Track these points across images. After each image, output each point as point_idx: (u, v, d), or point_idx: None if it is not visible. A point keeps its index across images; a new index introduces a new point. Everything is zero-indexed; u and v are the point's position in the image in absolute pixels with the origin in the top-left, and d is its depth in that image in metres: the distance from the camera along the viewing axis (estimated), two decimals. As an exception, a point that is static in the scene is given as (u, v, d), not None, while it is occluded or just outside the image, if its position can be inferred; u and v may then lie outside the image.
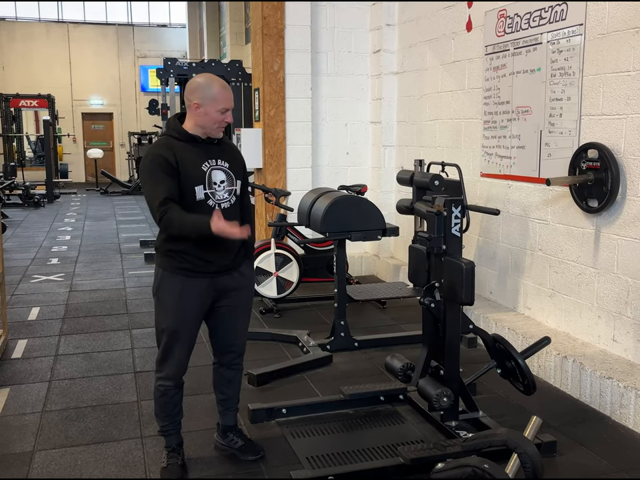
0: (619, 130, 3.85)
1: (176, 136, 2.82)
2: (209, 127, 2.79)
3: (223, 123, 2.80)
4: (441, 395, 3.18)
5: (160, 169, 2.71)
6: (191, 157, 2.78)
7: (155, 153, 2.77)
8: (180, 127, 2.83)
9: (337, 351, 4.56)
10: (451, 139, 5.78)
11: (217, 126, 2.80)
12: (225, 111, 2.78)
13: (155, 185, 2.72)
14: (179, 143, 2.80)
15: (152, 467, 3.03)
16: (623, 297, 3.87)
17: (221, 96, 2.77)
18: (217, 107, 2.75)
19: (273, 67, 6.55)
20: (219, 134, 2.85)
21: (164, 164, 2.72)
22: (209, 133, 2.82)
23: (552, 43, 4.38)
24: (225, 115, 2.79)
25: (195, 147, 2.81)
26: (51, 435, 3.38)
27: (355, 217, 4.46)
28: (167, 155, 2.73)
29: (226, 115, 2.79)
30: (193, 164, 2.77)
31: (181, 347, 2.87)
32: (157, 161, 2.73)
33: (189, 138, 2.81)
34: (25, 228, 10.90)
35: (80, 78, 20.25)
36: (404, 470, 2.95)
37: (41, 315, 5.61)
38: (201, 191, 2.77)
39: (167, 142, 2.82)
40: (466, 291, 3.09)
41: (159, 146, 2.82)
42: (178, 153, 2.75)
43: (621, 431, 3.43)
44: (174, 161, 2.73)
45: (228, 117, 2.80)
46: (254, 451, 3.13)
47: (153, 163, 2.74)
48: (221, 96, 2.77)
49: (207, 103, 2.76)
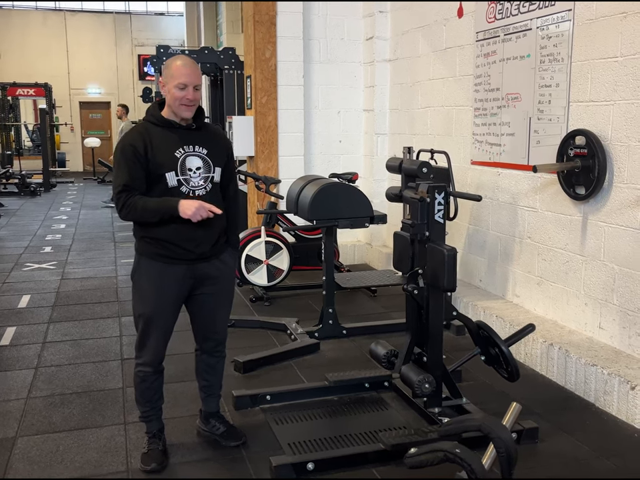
0: (607, 116, 3.82)
1: (153, 121, 2.81)
2: (172, 105, 2.77)
3: (184, 100, 2.74)
4: (423, 381, 3.18)
5: (125, 159, 2.73)
6: (165, 142, 2.77)
7: (125, 142, 2.78)
8: (157, 113, 2.82)
9: (324, 339, 4.56)
10: (442, 127, 5.75)
11: (179, 103, 2.75)
12: (184, 86, 2.72)
13: (119, 174, 2.74)
14: (155, 128, 2.78)
15: (133, 453, 3.03)
16: (609, 284, 3.86)
17: (178, 71, 2.73)
18: (175, 82, 2.72)
19: (265, 54, 6.51)
20: (186, 114, 2.79)
21: (130, 153, 2.72)
22: (176, 113, 2.78)
23: (541, 29, 4.35)
24: (185, 91, 2.73)
25: (171, 132, 2.79)
26: (34, 421, 3.38)
27: (342, 204, 4.44)
28: (136, 143, 2.73)
29: (186, 92, 2.73)
30: (165, 150, 2.75)
31: (157, 333, 2.86)
32: (125, 150, 2.75)
33: (165, 123, 2.80)
34: (20, 217, 10.88)
35: (77, 66, 20.17)
36: (385, 456, 2.95)
37: (31, 303, 5.61)
38: (173, 178, 2.75)
39: (143, 128, 2.81)
40: (448, 277, 3.08)
41: (132, 133, 2.82)
42: (152, 139, 2.74)
43: (604, 417, 3.43)
44: (142, 149, 2.72)
45: (189, 93, 2.73)
46: (236, 436, 3.13)
47: (121, 153, 2.76)
48: (178, 71, 2.73)
49: (168, 80, 2.75)
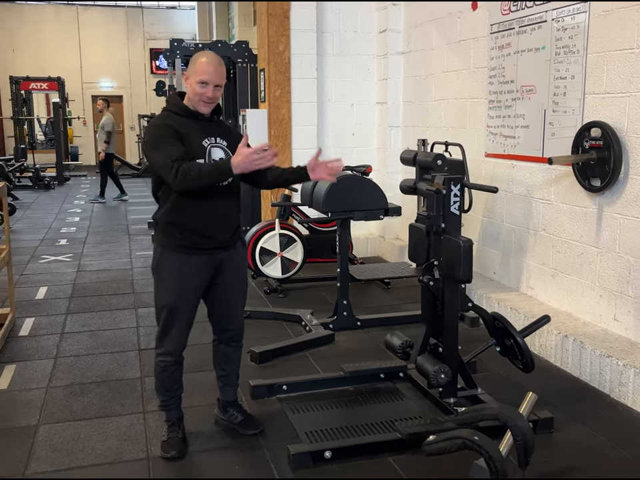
0: (622, 108, 3.82)
1: (176, 111, 2.83)
2: (192, 99, 2.80)
3: (203, 97, 2.77)
4: (439, 371, 3.20)
5: (168, 135, 2.72)
6: (192, 131, 2.80)
7: (160, 123, 2.80)
8: (180, 102, 2.85)
9: (339, 330, 4.59)
10: (456, 119, 5.75)
11: (198, 99, 2.78)
12: (205, 84, 2.75)
13: (164, 147, 2.69)
14: (180, 118, 2.81)
15: (153, 441, 3.08)
16: (624, 276, 3.86)
17: (202, 68, 2.76)
18: (197, 78, 2.75)
19: (278, 47, 6.53)
20: (204, 109, 2.82)
21: (171, 131, 2.73)
22: (195, 107, 2.81)
23: (557, 21, 4.34)
24: (206, 88, 2.76)
25: (194, 122, 2.82)
26: (55, 409, 3.44)
27: (357, 196, 4.46)
28: (173, 124, 2.76)
29: (207, 89, 2.76)
30: (194, 139, 2.79)
31: (180, 323, 2.90)
32: (163, 129, 2.75)
33: (189, 113, 2.83)
34: (34, 210, 10.98)
35: (89, 60, 20.24)
36: (401, 445, 2.98)
37: (48, 294, 5.68)
38: None
39: (168, 116, 2.83)
40: (464, 268, 3.10)
41: (161, 117, 2.85)
42: (181, 127, 2.77)
43: (619, 408, 3.45)
44: (179, 131, 2.75)
45: (208, 91, 2.76)
46: (253, 425, 3.17)
47: (160, 131, 2.75)
48: (202, 68, 2.76)
49: (191, 74, 2.79)
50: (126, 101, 21.04)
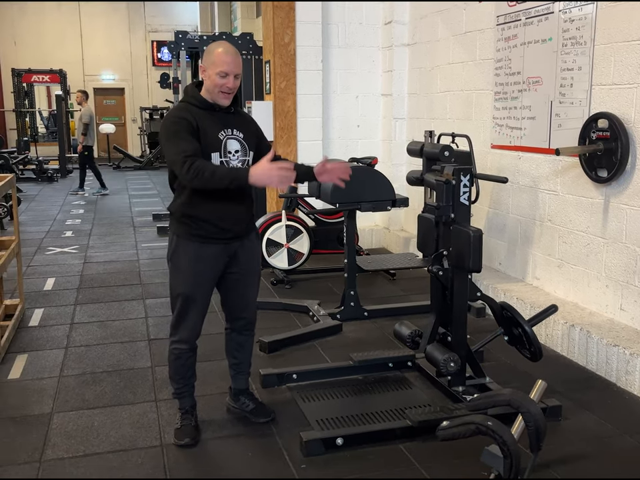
0: (630, 99, 3.84)
1: (194, 103, 2.84)
2: (212, 91, 2.80)
3: (224, 87, 2.77)
4: (449, 359, 3.24)
5: (183, 129, 2.73)
6: (209, 124, 2.81)
7: (176, 115, 2.80)
8: (198, 94, 2.85)
9: (346, 320, 4.63)
10: (461, 111, 5.77)
11: (218, 90, 2.78)
12: (225, 75, 2.76)
13: (180, 141, 2.70)
14: (197, 110, 2.82)
15: (166, 428, 3.12)
16: (631, 267, 3.90)
17: (220, 59, 2.75)
18: (216, 70, 2.75)
19: (284, 38, 6.54)
20: (224, 101, 2.83)
21: (187, 125, 2.74)
22: (214, 99, 2.82)
23: (563, 12, 4.36)
24: (226, 79, 2.76)
25: (212, 114, 2.84)
26: (68, 397, 3.49)
27: (364, 187, 4.49)
28: (188, 117, 2.76)
29: (227, 80, 2.77)
30: (210, 131, 2.80)
31: (194, 312, 2.93)
32: (179, 122, 2.75)
33: (207, 105, 2.83)
34: (39, 202, 11.01)
35: (91, 53, 20.23)
36: (411, 432, 3.02)
37: (56, 285, 5.72)
38: (217, 159, 2.80)
39: (186, 107, 2.84)
40: (473, 258, 3.13)
41: (179, 109, 2.85)
42: (197, 119, 2.78)
43: (625, 396, 3.49)
44: (195, 124, 2.75)
45: (229, 81, 2.77)
46: (265, 413, 3.21)
47: (176, 124, 2.76)
48: (220, 59, 2.75)
49: (209, 66, 2.78)
50: (128, 93, 21.02)
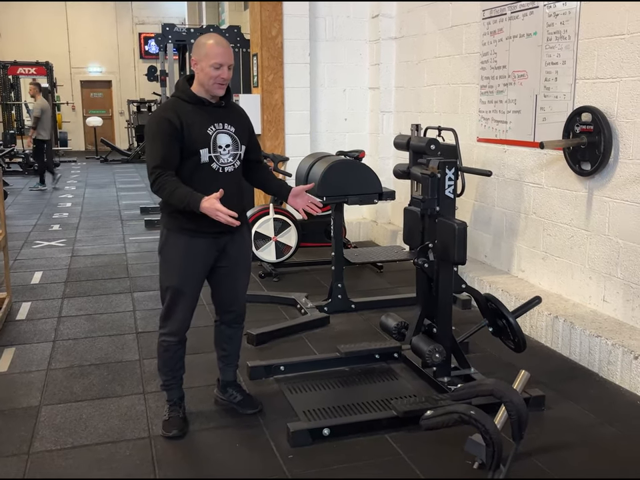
0: (613, 93, 3.89)
1: (184, 98, 2.85)
2: (206, 83, 2.81)
3: (219, 79, 2.79)
4: (434, 350, 3.28)
5: (162, 132, 2.76)
6: (198, 119, 2.82)
7: (160, 116, 2.82)
8: (188, 89, 2.86)
9: (334, 313, 4.66)
10: (448, 104, 5.81)
11: (213, 82, 2.80)
12: (219, 66, 2.77)
13: (155, 147, 2.77)
14: (186, 105, 2.83)
15: (154, 420, 3.14)
16: (613, 258, 3.95)
17: (213, 51, 2.77)
18: (210, 62, 2.77)
19: (271, 32, 6.54)
20: (219, 91, 2.84)
21: (167, 127, 2.76)
22: (209, 91, 2.83)
23: (548, 7, 4.40)
24: (220, 70, 2.78)
25: (202, 109, 2.85)
26: (56, 390, 3.50)
27: (351, 180, 4.52)
28: (172, 117, 2.77)
29: (222, 71, 2.79)
30: (199, 127, 2.81)
31: (184, 304, 2.95)
32: (161, 124, 2.78)
33: (196, 100, 2.85)
34: (25, 195, 10.96)
35: (78, 45, 20.08)
36: (397, 422, 3.06)
37: (43, 279, 5.71)
38: (205, 154, 2.82)
39: (174, 104, 2.85)
40: (458, 250, 3.16)
41: (165, 109, 2.87)
42: (185, 116, 2.79)
43: (607, 386, 3.55)
44: (178, 124, 2.76)
45: (224, 72, 2.79)
46: (252, 404, 3.24)
47: (157, 126, 2.79)
48: (213, 51, 2.77)
49: (202, 58, 2.79)
50: (115, 86, 20.92)
